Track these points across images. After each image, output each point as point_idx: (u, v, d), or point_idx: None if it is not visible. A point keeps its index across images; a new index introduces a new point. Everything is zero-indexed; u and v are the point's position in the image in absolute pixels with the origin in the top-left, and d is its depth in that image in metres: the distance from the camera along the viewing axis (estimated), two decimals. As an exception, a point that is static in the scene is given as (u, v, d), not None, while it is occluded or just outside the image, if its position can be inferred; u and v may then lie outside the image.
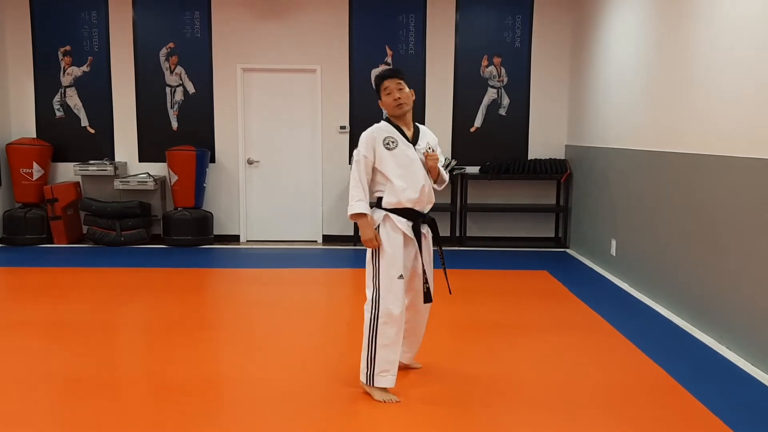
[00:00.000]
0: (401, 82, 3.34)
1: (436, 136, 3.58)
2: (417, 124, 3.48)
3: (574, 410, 3.27)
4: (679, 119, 4.89)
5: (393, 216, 3.32)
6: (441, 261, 3.54)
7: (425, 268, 3.41)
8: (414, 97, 3.42)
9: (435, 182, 3.46)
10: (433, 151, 3.39)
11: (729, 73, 4.19)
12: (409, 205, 3.32)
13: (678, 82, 4.90)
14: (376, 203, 3.37)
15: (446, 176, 3.50)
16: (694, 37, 4.66)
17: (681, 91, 4.85)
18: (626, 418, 3.18)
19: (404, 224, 3.33)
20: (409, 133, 3.38)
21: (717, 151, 4.32)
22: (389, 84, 3.34)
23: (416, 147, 3.36)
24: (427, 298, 3.42)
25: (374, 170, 3.33)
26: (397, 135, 3.34)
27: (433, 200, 3.41)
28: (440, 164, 3.43)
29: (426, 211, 3.41)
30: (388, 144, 3.30)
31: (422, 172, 3.33)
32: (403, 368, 3.66)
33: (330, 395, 3.42)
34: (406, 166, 3.30)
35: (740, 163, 4.04)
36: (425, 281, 3.40)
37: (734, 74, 4.13)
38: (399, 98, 3.32)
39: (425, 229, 3.44)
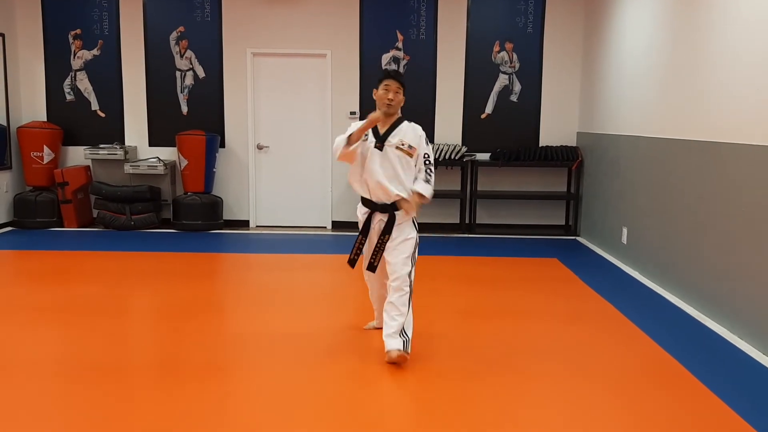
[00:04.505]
0: (401, 87, 3.64)
1: (450, 126, 3.79)
2: (406, 122, 3.68)
3: (584, 398, 3.25)
4: (693, 106, 4.82)
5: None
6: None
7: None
8: (402, 105, 3.69)
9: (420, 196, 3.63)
10: (409, 147, 3.58)
11: (745, 59, 4.13)
12: (365, 195, 3.66)
13: (692, 68, 4.83)
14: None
15: (428, 192, 3.64)
16: (710, 22, 4.59)
17: (695, 77, 4.78)
18: (637, 407, 3.16)
19: (361, 212, 3.71)
20: (382, 129, 3.62)
21: (731, 139, 4.27)
22: (391, 83, 3.64)
23: (386, 142, 3.58)
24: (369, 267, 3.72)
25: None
26: (370, 131, 3.62)
27: (390, 196, 3.57)
28: (420, 157, 3.64)
29: (380, 203, 3.62)
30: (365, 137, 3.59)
31: (379, 166, 3.56)
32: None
33: (341, 379, 3.42)
34: (366, 158, 3.58)
35: (755, 151, 3.98)
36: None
37: (750, 61, 4.06)
38: (391, 99, 3.60)
39: (379, 218, 3.66)
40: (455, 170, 7.63)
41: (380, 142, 3.59)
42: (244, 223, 7.85)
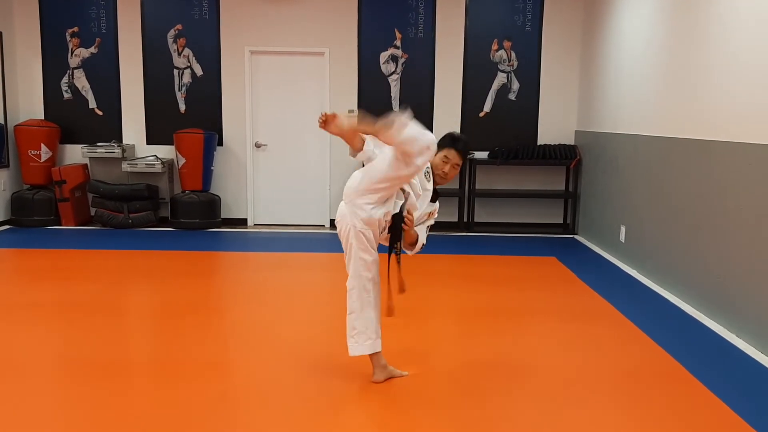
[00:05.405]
0: (462, 162, 3.30)
1: (448, 124, 3.67)
2: None
3: (582, 397, 3.25)
4: (691, 105, 4.82)
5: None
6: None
7: None
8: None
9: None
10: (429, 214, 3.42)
11: (743, 57, 4.12)
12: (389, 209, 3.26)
13: (691, 67, 4.83)
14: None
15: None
16: (708, 21, 4.58)
17: (694, 76, 4.78)
18: (635, 405, 3.16)
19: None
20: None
21: (730, 137, 4.26)
22: (454, 157, 3.26)
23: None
24: None
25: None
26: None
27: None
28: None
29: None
30: (426, 173, 3.27)
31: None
32: None
33: (340, 377, 3.42)
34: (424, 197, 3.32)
35: (754, 149, 3.98)
36: None
37: (748, 59, 4.06)
38: (448, 174, 3.29)
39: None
40: (453, 168, 7.62)
41: (436, 195, 3.38)
42: (242, 222, 7.85)
